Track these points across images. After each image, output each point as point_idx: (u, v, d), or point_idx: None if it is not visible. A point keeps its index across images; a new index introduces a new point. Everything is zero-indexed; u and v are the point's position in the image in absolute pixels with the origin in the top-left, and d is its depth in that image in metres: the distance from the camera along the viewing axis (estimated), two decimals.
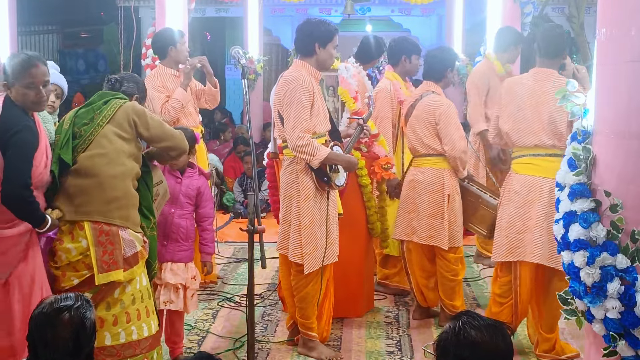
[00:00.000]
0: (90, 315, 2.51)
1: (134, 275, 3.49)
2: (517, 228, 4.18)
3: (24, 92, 3.26)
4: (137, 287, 3.52)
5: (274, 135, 4.69)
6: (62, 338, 2.42)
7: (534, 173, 4.16)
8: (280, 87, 4.24)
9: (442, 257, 4.92)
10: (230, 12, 13.96)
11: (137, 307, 3.51)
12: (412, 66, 5.57)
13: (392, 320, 5.06)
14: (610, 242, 2.66)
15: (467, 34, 11.32)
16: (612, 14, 2.68)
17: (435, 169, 4.87)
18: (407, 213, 4.99)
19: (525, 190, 4.16)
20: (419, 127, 4.91)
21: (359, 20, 13.56)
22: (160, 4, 7.26)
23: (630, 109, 2.59)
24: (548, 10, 11.35)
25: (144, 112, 3.59)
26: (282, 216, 4.38)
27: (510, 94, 4.30)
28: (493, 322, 2.28)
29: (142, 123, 3.55)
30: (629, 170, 2.62)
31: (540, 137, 4.14)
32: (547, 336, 4.26)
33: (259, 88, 11.92)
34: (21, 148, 3.18)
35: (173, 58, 5.67)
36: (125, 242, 3.45)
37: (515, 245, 4.18)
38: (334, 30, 4.33)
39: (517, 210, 4.19)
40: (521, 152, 4.26)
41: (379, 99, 5.38)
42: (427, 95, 4.93)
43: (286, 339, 4.63)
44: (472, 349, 2.19)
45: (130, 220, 3.52)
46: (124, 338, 3.45)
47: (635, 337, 2.61)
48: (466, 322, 2.24)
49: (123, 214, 3.47)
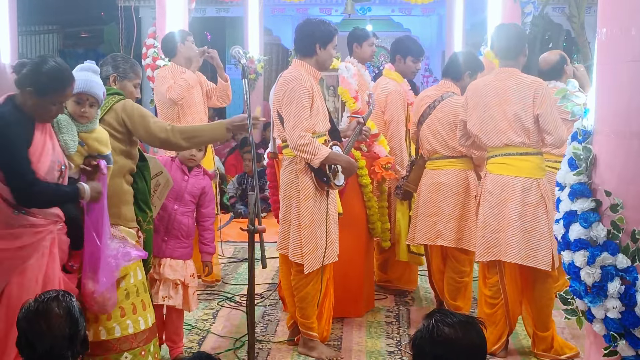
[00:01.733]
0: (75, 302, 2.59)
1: (127, 271, 3.49)
2: (492, 228, 4.21)
3: (48, 107, 3.09)
4: (131, 281, 3.53)
5: (274, 135, 4.69)
6: (58, 324, 2.49)
7: (506, 172, 4.18)
8: (280, 86, 4.24)
9: (454, 258, 4.92)
10: (230, 12, 13.97)
11: (132, 301, 3.52)
12: (405, 67, 5.51)
13: (392, 320, 5.06)
14: (610, 241, 2.66)
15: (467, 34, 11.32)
16: (612, 13, 2.69)
17: (460, 170, 4.86)
18: (429, 217, 4.92)
19: (498, 190, 4.18)
20: (442, 129, 4.87)
21: (359, 20, 13.57)
22: (160, 4, 7.27)
23: (630, 109, 2.59)
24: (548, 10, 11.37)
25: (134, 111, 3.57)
26: (282, 216, 4.39)
27: (476, 96, 4.32)
28: (466, 317, 2.30)
29: (131, 122, 3.56)
30: (629, 170, 2.62)
31: (509, 136, 4.16)
32: (542, 335, 4.26)
33: (259, 88, 11.92)
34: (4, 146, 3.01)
35: (182, 54, 5.73)
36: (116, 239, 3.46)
37: (492, 244, 4.21)
38: (334, 30, 4.34)
39: (491, 210, 4.21)
40: (493, 152, 4.28)
41: (393, 102, 5.33)
42: (450, 97, 4.90)
43: (286, 338, 4.63)
44: (447, 347, 2.20)
45: (121, 217, 3.53)
46: (119, 332, 3.45)
47: (636, 337, 2.61)
48: (439, 319, 2.25)
49: (114, 211, 3.47)
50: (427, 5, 12.77)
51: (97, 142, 3.40)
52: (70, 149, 3.28)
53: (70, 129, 3.30)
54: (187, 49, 5.73)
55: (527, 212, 4.09)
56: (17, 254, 3.09)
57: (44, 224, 3.14)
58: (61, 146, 3.24)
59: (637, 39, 2.54)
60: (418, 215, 5.01)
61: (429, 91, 5.20)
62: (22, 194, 3.03)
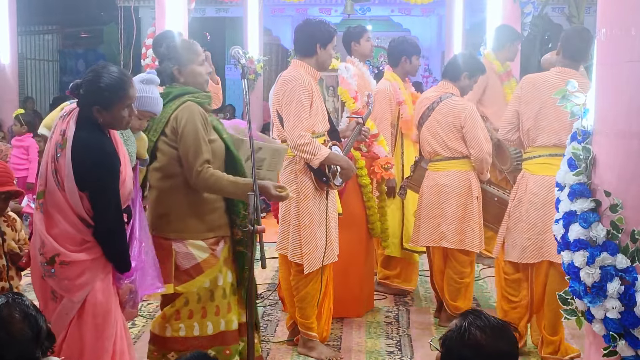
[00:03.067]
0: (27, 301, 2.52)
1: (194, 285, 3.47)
2: (539, 229, 4.13)
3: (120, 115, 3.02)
4: (219, 283, 3.51)
5: (274, 136, 4.68)
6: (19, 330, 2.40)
7: (552, 173, 4.12)
8: (279, 87, 4.24)
9: (455, 259, 4.91)
10: (230, 12, 13.99)
11: (216, 303, 3.51)
12: (412, 67, 5.58)
13: (392, 320, 5.07)
14: (610, 242, 2.66)
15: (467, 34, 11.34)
16: (612, 14, 2.68)
17: (462, 172, 4.85)
18: (432, 218, 4.92)
19: (545, 191, 4.08)
20: (442, 130, 4.87)
21: (359, 20, 13.57)
22: (160, 4, 7.28)
23: (630, 109, 2.59)
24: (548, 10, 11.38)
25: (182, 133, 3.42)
26: (282, 216, 4.39)
27: (533, 91, 4.20)
28: (499, 322, 2.26)
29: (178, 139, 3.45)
30: (629, 170, 2.62)
31: (560, 136, 4.04)
32: (552, 338, 4.24)
33: (259, 88, 11.93)
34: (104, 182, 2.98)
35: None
36: (179, 255, 3.45)
37: (539, 246, 4.14)
38: (334, 30, 4.34)
39: (536, 212, 4.14)
40: (537, 152, 4.19)
41: (377, 100, 5.37)
42: (448, 98, 4.89)
43: (286, 339, 4.63)
44: (475, 350, 2.18)
45: (187, 230, 3.47)
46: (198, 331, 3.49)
47: (635, 337, 2.61)
48: (472, 322, 2.22)
49: (176, 226, 3.45)
50: (426, 5, 12.79)
51: (142, 147, 3.43)
52: (133, 160, 3.27)
53: (133, 140, 3.32)
54: None
55: None
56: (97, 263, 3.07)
57: None
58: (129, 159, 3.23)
59: (637, 39, 2.54)
60: (421, 217, 5.01)
61: (428, 93, 5.21)
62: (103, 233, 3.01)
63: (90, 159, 2.96)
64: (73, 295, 3.07)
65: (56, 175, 3.00)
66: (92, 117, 3.02)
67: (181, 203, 3.47)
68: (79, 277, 3.05)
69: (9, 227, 3.75)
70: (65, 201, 2.99)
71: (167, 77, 3.56)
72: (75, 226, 3.01)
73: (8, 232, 3.72)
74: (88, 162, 2.95)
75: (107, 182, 2.99)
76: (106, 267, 3.10)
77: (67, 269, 3.04)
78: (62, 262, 3.04)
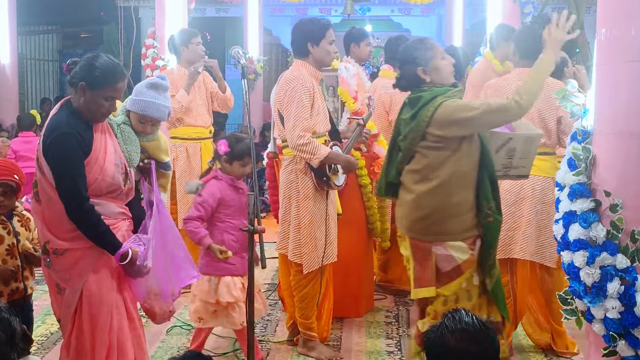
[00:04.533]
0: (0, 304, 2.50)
1: (454, 286, 3.42)
2: (508, 226, 4.18)
3: (100, 103, 3.05)
4: (463, 285, 3.45)
5: (274, 135, 4.69)
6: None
7: None
8: (281, 86, 4.24)
9: None
10: (230, 12, 14.00)
11: (473, 302, 3.46)
12: None
13: (392, 320, 5.06)
14: (610, 242, 2.66)
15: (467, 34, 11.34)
16: (612, 14, 2.68)
17: None
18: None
19: (517, 189, 4.15)
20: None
21: (359, 20, 13.59)
22: (160, 4, 7.28)
23: (630, 109, 2.59)
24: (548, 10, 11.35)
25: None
26: (282, 216, 4.39)
27: (498, 95, 4.25)
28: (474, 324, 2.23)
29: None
30: (629, 170, 2.62)
31: None
32: (562, 329, 4.28)
33: (258, 88, 11.93)
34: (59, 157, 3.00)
35: (186, 58, 5.69)
36: (439, 258, 3.41)
37: (507, 242, 4.18)
38: (325, 25, 4.29)
39: (508, 209, 4.18)
40: None
41: (397, 102, 5.33)
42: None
43: (286, 339, 4.63)
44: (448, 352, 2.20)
45: (447, 232, 3.41)
46: None
47: (635, 337, 2.61)
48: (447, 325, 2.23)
49: (435, 229, 3.41)
50: (426, 5, 12.80)
51: (157, 150, 3.42)
52: (133, 161, 3.27)
53: (133, 140, 3.30)
54: (190, 53, 5.67)
55: (544, 210, 4.09)
56: (89, 253, 3.08)
57: (112, 222, 3.13)
58: (125, 157, 3.23)
59: (637, 39, 2.54)
60: None
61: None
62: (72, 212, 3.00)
63: (49, 138, 3.00)
64: (71, 285, 3.10)
65: (38, 162, 3.07)
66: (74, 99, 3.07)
67: (442, 205, 3.39)
68: (73, 267, 3.08)
69: (23, 227, 3.74)
70: (49, 185, 3.03)
71: (413, 80, 3.49)
72: (63, 213, 3.02)
73: (22, 231, 3.72)
74: (47, 141, 3.00)
75: (61, 162, 2.98)
76: (100, 259, 3.10)
77: (62, 259, 3.07)
78: (55, 251, 3.07)
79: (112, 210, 3.16)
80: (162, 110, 3.35)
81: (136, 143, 3.33)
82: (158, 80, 3.40)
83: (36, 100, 14.44)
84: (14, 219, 3.71)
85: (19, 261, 3.67)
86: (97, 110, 3.07)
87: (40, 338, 4.61)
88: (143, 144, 3.38)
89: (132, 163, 3.27)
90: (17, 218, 3.73)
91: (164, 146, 3.47)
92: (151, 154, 3.43)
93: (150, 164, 3.40)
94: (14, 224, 3.69)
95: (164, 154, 3.47)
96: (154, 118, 3.35)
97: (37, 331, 4.71)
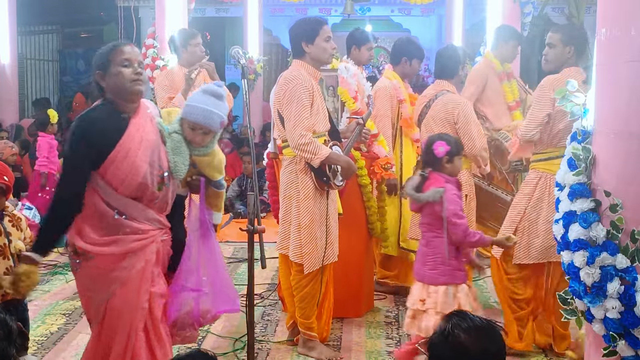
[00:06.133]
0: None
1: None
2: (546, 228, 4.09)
3: (118, 73, 2.99)
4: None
5: (274, 136, 4.69)
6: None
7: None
8: (280, 86, 4.24)
9: None
10: (230, 12, 13.99)
11: None
12: (411, 69, 5.56)
13: (392, 320, 5.06)
14: (610, 242, 2.66)
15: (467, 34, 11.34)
16: (612, 14, 2.68)
17: None
18: None
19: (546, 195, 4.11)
20: (436, 126, 4.89)
21: (358, 20, 13.58)
22: (160, 4, 7.29)
23: (630, 109, 2.59)
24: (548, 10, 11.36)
25: None
26: (282, 216, 4.39)
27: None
28: (484, 323, 2.23)
29: None
30: (628, 170, 2.62)
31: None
32: (565, 332, 4.29)
33: (258, 88, 11.93)
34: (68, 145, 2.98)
35: (185, 59, 5.69)
36: None
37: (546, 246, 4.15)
38: (318, 23, 4.27)
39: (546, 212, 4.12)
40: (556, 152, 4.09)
41: (379, 97, 5.38)
42: (443, 95, 4.94)
43: (286, 339, 4.63)
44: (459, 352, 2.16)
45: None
46: None
47: (635, 337, 2.61)
48: (455, 324, 2.19)
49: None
50: (426, 5, 12.80)
51: (209, 167, 3.30)
52: (179, 172, 3.13)
53: (182, 151, 3.15)
54: (189, 54, 5.68)
55: None
56: (121, 264, 2.97)
57: (147, 229, 3.04)
58: (170, 167, 3.10)
59: (637, 39, 2.54)
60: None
61: (426, 91, 5.25)
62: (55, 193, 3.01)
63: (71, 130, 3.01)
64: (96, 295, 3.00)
65: None
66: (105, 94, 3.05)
67: None
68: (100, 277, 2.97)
69: (15, 227, 3.74)
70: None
71: None
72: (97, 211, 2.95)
73: (14, 232, 3.72)
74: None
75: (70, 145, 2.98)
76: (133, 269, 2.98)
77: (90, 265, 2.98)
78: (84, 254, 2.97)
79: (147, 216, 3.04)
80: (212, 118, 3.15)
81: (185, 155, 3.16)
82: (213, 87, 3.23)
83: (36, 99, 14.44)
84: (4, 219, 3.71)
85: (11, 262, 3.67)
86: (122, 81, 2.99)
87: (40, 338, 4.62)
88: (194, 158, 3.22)
89: (176, 174, 3.13)
90: (8, 218, 3.72)
91: (218, 164, 3.32)
92: (202, 169, 3.27)
93: (200, 181, 3.25)
94: (5, 225, 3.69)
95: (216, 172, 3.32)
96: (204, 126, 3.17)
97: (37, 331, 4.72)
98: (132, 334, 3.00)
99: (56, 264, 6.48)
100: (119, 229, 2.98)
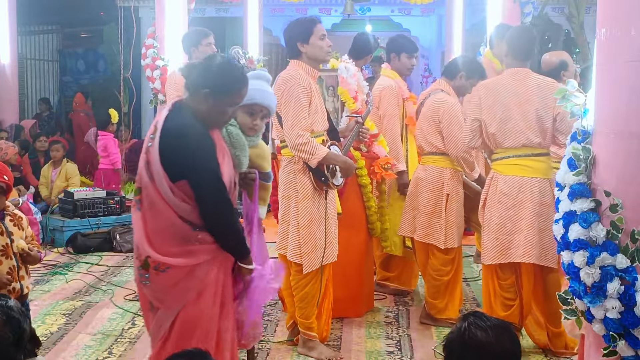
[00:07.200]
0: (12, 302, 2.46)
1: None
2: (507, 230, 4.16)
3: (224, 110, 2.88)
4: None
5: (272, 136, 4.69)
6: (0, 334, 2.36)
7: (523, 174, 4.15)
8: (277, 86, 4.24)
9: (433, 256, 4.94)
10: (230, 12, 13.98)
11: None
12: (400, 65, 5.53)
13: (392, 320, 5.06)
14: (610, 242, 2.66)
15: (467, 34, 11.32)
16: (612, 14, 2.68)
17: (438, 168, 4.89)
18: (411, 210, 5.04)
19: (515, 192, 4.13)
20: (425, 125, 4.94)
21: (358, 20, 13.58)
22: (160, 4, 7.28)
23: (630, 109, 2.59)
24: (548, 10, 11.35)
25: None
26: (281, 216, 4.39)
27: (492, 96, 4.25)
28: (500, 322, 2.25)
29: None
30: (628, 170, 2.62)
31: (528, 136, 4.12)
32: (557, 331, 4.29)
33: None
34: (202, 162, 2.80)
35: (196, 58, 5.68)
36: None
37: (507, 247, 4.17)
38: (312, 22, 4.27)
39: (507, 212, 4.17)
40: (506, 152, 4.21)
41: (386, 97, 5.38)
42: (436, 93, 4.97)
43: (286, 339, 4.63)
44: (477, 351, 2.17)
45: None
46: None
47: (635, 337, 2.61)
48: (472, 322, 2.20)
49: None
50: (426, 5, 12.79)
51: (260, 158, 3.26)
52: (242, 165, 3.08)
53: (242, 144, 3.10)
54: (200, 54, 5.66)
55: (543, 212, 4.08)
56: (196, 273, 2.87)
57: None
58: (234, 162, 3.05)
59: (637, 39, 2.54)
60: (404, 208, 5.14)
61: (425, 90, 5.29)
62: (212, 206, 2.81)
63: (183, 142, 2.78)
64: (166, 306, 2.88)
65: (148, 167, 2.85)
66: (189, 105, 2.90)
67: None
68: (174, 287, 2.86)
69: (16, 226, 3.74)
70: (158, 194, 2.82)
71: None
72: (173, 225, 2.82)
73: (15, 231, 3.72)
74: (181, 146, 2.78)
75: (206, 162, 2.79)
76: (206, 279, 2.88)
77: (162, 277, 2.85)
78: (157, 267, 2.84)
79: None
80: (270, 98, 3.18)
81: (245, 147, 3.12)
82: (260, 72, 3.27)
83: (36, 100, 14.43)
84: (5, 219, 3.71)
85: (14, 261, 3.67)
86: (221, 117, 2.93)
87: (40, 338, 4.61)
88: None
89: (240, 167, 3.09)
90: (9, 218, 3.73)
91: (267, 154, 3.29)
92: (253, 161, 3.22)
93: (255, 174, 3.19)
94: (6, 224, 3.69)
95: (266, 162, 3.30)
96: (264, 106, 3.14)
97: (37, 331, 4.70)
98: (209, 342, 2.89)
99: (56, 264, 6.48)
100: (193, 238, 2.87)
